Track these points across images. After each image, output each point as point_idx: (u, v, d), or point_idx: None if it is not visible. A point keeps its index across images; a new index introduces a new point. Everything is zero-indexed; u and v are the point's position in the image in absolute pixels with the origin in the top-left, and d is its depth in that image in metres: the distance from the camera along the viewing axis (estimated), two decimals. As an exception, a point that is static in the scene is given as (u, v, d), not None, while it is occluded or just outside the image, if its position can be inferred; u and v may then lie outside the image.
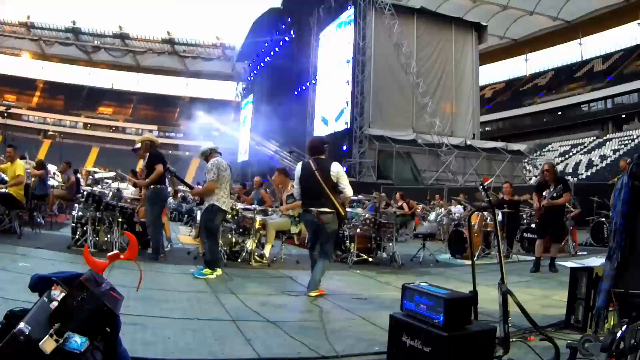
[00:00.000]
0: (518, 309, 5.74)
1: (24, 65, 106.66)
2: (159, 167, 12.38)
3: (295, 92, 59.53)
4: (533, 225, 16.97)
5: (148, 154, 12.95)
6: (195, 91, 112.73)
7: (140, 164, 13.85)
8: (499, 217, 15.37)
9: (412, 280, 5.46)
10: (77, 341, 3.58)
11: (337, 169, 9.82)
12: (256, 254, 13.42)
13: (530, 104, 78.24)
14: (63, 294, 3.86)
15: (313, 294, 9.28)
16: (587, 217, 19.72)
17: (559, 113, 74.03)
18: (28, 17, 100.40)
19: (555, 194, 12.97)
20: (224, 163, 11.49)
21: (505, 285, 5.66)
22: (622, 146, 58.92)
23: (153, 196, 12.56)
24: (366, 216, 15.18)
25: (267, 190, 18.01)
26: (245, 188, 20.87)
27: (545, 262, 13.29)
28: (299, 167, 10.13)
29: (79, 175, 21.68)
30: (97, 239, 12.78)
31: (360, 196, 19.02)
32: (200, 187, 13.24)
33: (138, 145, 13.39)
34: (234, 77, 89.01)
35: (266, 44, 66.08)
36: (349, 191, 9.97)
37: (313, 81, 54.10)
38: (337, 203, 9.76)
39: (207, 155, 11.62)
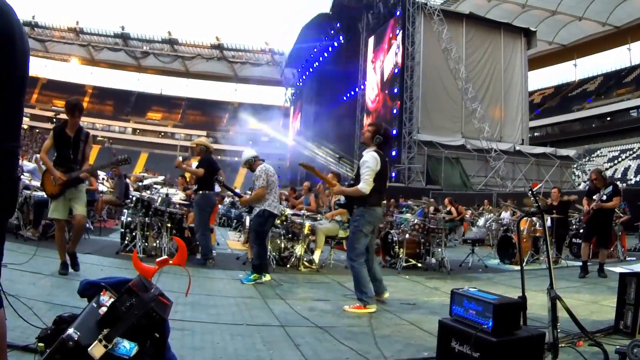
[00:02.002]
0: (567, 314, 5.70)
1: (73, 70, 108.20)
2: (199, 170, 12.50)
3: (344, 98, 59.59)
4: (582, 231, 16.82)
5: (199, 159, 13.09)
6: (244, 96, 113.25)
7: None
8: (548, 223, 15.23)
9: (460, 286, 5.43)
10: (126, 347, 3.61)
11: None
12: (305, 259, 13.47)
13: (579, 109, 77.37)
14: (112, 300, 3.90)
15: (386, 295, 9.47)
16: (636, 222, 19.50)
17: (608, 118, 73.11)
18: (77, 23, 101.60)
19: (605, 197, 12.89)
20: (271, 169, 11.51)
21: (554, 291, 5.61)
22: (672, 152, 58.26)
23: (201, 201, 12.67)
24: (415, 221, 15.15)
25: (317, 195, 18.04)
26: (295, 192, 20.94)
27: (594, 268, 13.17)
28: (379, 159, 9.11)
29: (127, 181, 21.78)
30: (146, 244, 12.91)
31: (409, 202, 18.99)
32: (248, 195, 13.27)
33: (193, 146, 13.65)
34: (283, 83, 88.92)
35: (315, 50, 66.08)
36: None
37: (362, 86, 54.11)
38: None
39: (252, 163, 11.65)
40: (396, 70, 44.82)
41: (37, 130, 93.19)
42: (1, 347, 3.48)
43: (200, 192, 12.68)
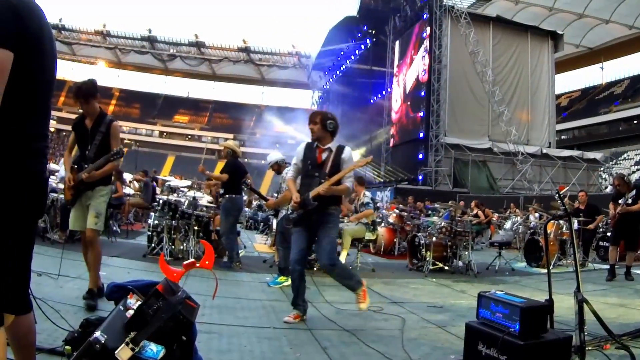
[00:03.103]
0: (594, 317, 5.69)
1: (99, 73, 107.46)
2: (223, 176, 12.57)
3: (371, 101, 59.64)
4: (609, 234, 16.76)
5: (225, 163, 13.15)
6: (270, 99, 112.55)
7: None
8: (575, 226, 15.18)
9: (487, 289, 5.47)
10: (153, 350, 3.62)
11: None
12: (332, 262, 13.36)
13: (606, 112, 76.79)
14: (139, 303, 3.93)
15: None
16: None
17: (635, 121, 72.42)
18: (104, 26, 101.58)
19: (630, 201, 12.90)
20: None
21: (581, 294, 5.59)
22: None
23: (228, 205, 12.71)
24: (442, 224, 15.13)
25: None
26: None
27: (621, 271, 13.15)
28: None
29: (154, 183, 21.89)
30: (173, 247, 13.02)
31: (436, 205, 19.00)
32: (274, 198, 13.25)
33: (221, 148, 13.72)
34: (310, 86, 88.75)
35: (342, 52, 65.86)
36: None
37: (389, 89, 54.04)
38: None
39: (281, 165, 11.70)
40: (423, 73, 44.65)
41: (64, 133, 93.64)
42: (31, 351, 3.51)
43: (227, 195, 12.72)
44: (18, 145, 3.06)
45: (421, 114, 44.28)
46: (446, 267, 14.47)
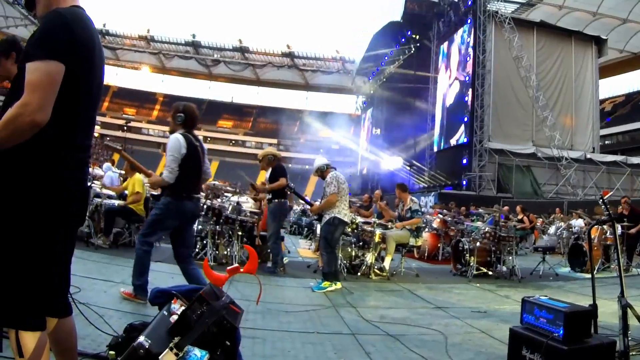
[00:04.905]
0: (638, 322, 5.67)
1: (143, 78, 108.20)
2: (282, 180, 12.54)
3: (415, 106, 59.41)
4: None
5: (271, 168, 13.15)
6: (314, 104, 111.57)
7: (264, 177, 13.95)
8: (619, 231, 15.07)
9: (531, 294, 5.50)
10: (197, 355, 3.67)
11: None
12: (376, 267, 13.47)
13: (651, 117, 76.02)
14: (183, 308, 3.98)
15: None
16: None
17: (679, 126, 71.72)
18: (148, 31, 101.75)
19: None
20: (342, 176, 11.60)
21: (625, 299, 5.59)
22: None
23: (276, 210, 12.74)
24: (486, 230, 15.10)
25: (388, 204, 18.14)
26: (370, 201, 20.98)
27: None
28: (182, 141, 7.75)
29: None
30: (217, 252, 13.07)
31: (480, 210, 18.96)
32: (318, 203, 13.28)
33: (260, 158, 13.65)
34: (354, 91, 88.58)
35: (386, 57, 65.64)
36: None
37: (433, 94, 53.91)
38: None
39: (324, 170, 11.70)
40: (467, 79, 44.57)
41: (108, 138, 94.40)
42: (72, 355, 3.57)
43: (276, 200, 12.76)
44: (61, 154, 3.13)
45: (465, 119, 44.11)
46: (490, 272, 14.44)
